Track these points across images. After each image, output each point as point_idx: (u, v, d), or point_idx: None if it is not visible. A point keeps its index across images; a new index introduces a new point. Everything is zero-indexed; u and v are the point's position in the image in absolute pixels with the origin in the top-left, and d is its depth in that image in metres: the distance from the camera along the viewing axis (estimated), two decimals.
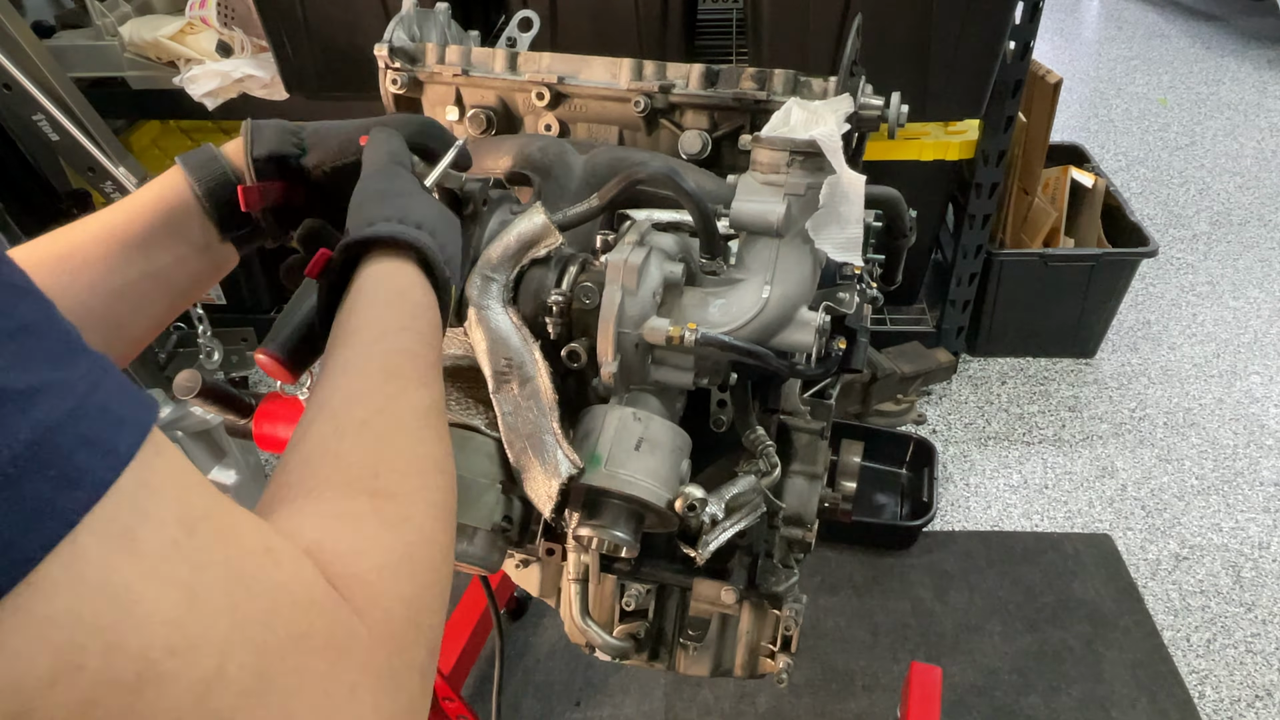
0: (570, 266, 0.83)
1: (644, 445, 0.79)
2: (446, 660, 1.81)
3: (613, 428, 0.79)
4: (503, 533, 0.80)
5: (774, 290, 0.80)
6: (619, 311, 0.77)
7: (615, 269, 0.78)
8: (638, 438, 0.79)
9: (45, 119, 2.08)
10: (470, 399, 0.81)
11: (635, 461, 0.78)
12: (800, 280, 0.82)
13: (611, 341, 0.78)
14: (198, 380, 1.09)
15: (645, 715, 1.97)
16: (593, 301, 0.80)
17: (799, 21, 1.94)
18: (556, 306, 0.80)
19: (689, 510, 0.78)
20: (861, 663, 2.04)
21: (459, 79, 0.96)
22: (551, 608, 1.00)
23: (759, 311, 0.80)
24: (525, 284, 0.82)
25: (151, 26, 2.38)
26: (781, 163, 0.81)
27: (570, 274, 0.82)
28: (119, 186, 2.18)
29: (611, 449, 0.78)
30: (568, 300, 0.81)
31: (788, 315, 0.82)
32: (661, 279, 0.80)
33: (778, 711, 1.96)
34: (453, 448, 0.79)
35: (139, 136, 2.84)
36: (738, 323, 0.80)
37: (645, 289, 0.79)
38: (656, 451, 0.79)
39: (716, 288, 0.83)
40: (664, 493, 0.78)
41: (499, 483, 0.79)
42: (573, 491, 0.78)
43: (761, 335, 0.81)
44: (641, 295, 0.78)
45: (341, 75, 2.33)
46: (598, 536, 0.77)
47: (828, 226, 0.77)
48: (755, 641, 0.97)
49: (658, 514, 0.78)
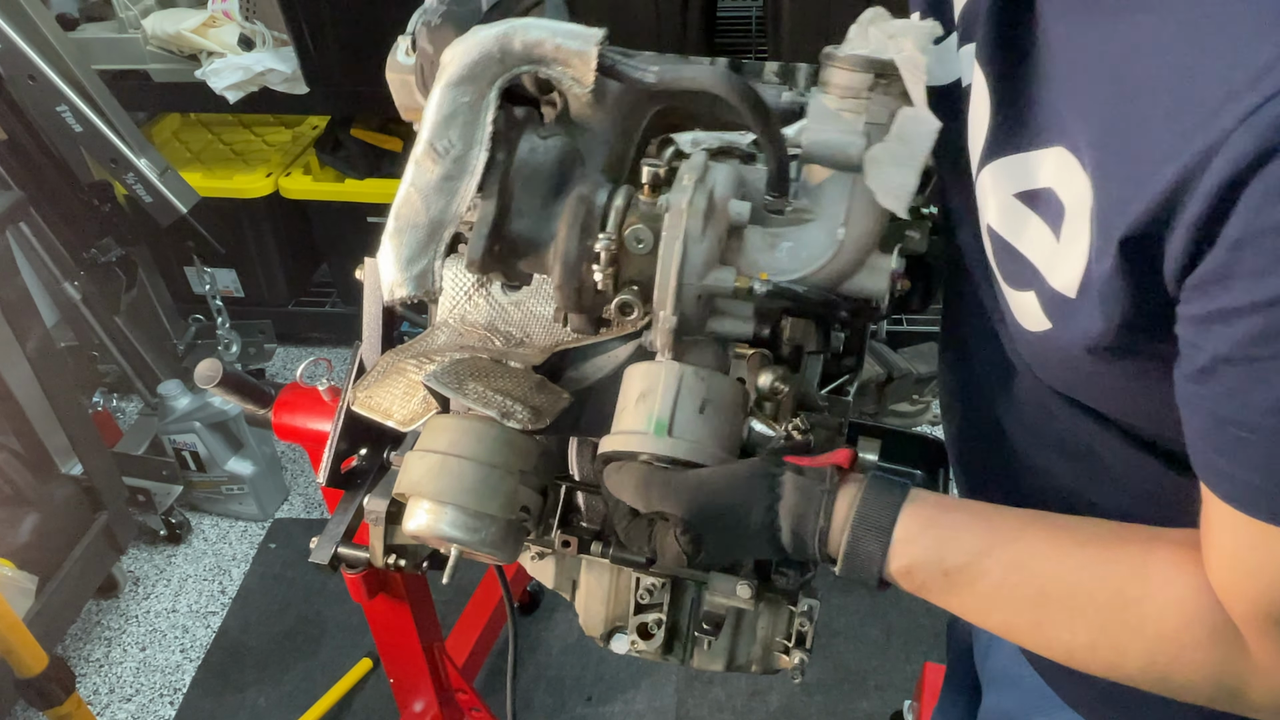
0: (615, 201, 0.72)
1: (708, 408, 0.71)
2: (460, 652, 1.81)
3: (673, 389, 0.71)
4: (520, 523, 0.81)
5: (849, 232, 0.72)
6: (681, 263, 0.69)
7: (678, 215, 0.69)
8: (701, 399, 0.71)
9: (69, 110, 2.10)
10: (490, 391, 0.81)
11: (702, 426, 0.71)
12: (876, 220, 0.72)
13: (673, 296, 0.69)
14: (219, 369, 1.10)
15: (657, 711, 1.97)
16: (645, 246, 0.70)
17: (820, 20, 1.93)
18: (606, 253, 0.70)
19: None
20: (874, 662, 2.04)
21: None
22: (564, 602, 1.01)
23: (833, 256, 0.72)
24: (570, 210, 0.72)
25: (174, 20, 2.40)
26: (863, 87, 0.70)
27: (615, 210, 0.72)
28: (141, 178, 2.20)
29: (675, 414, 0.70)
30: (617, 244, 0.71)
31: (861, 260, 0.73)
32: (728, 224, 0.71)
33: (789, 710, 1.96)
34: (472, 438, 0.79)
35: (160, 129, 2.86)
36: (809, 269, 0.72)
37: (711, 236, 0.70)
38: (722, 413, 0.72)
39: (781, 228, 0.73)
40: (731, 459, 0.72)
41: (518, 472, 0.79)
42: (620, 468, 0.70)
43: (833, 282, 0.73)
44: (706, 243, 0.70)
45: (362, 68, 2.34)
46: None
47: (883, 166, 0.68)
48: (770, 637, 0.97)
49: None
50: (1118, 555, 0.62)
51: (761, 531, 0.68)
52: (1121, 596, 0.61)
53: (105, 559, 2.15)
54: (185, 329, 2.74)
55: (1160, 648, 0.60)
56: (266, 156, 2.80)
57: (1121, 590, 0.61)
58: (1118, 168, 0.54)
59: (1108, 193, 0.55)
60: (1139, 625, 0.60)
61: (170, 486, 2.33)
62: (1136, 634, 0.60)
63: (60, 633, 2.09)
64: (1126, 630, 0.61)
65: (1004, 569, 0.64)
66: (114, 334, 2.39)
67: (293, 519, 2.48)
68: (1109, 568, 0.62)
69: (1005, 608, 0.65)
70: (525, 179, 0.74)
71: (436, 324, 0.98)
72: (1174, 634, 0.59)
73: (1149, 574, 0.60)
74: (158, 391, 2.33)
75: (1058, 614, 0.63)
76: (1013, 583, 0.64)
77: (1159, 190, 0.50)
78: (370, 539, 0.98)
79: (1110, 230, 0.54)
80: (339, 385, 1.12)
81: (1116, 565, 0.62)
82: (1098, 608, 0.61)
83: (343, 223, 2.70)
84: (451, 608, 1.97)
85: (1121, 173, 0.54)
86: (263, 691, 2.09)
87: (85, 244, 2.33)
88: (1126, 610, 0.60)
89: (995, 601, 0.65)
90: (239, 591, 2.30)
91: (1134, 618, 0.60)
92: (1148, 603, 0.60)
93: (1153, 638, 0.60)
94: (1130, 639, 0.60)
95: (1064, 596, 0.63)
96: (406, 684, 1.60)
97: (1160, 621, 0.59)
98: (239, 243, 2.69)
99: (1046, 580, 0.63)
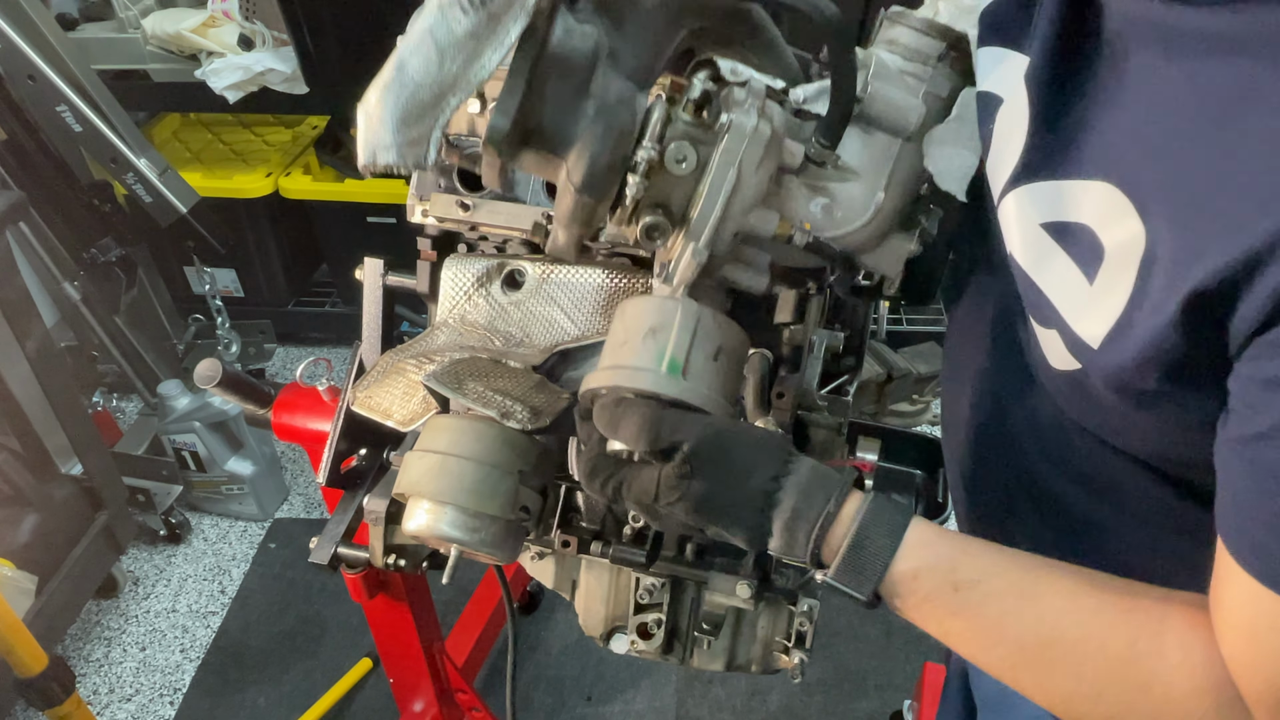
0: (654, 111, 0.64)
1: (722, 355, 0.66)
2: (460, 652, 1.81)
3: (690, 329, 0.65)
4: (520, 523, 0.81)
5: (887, 200, 0.67)
6: (730, 194, 0.63)
7: (739, 138, 0.62)
8: (716, 345, 0.66)
9: (69, 110, 2.10)
10: (489, 391, 0.81)
11: (714, 374, 0.65)
12: (912, 194, 0.69)
13: (712, 227, 0.64)
14: (219, 369, 1.10)
15: (656, 711, 1.97)
16: (688, 166, 0.64)
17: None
18: (647, 164, 0.63)
19: None
20: (874, 662, 2.04)
21: None
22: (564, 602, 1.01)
23: (868, 221, 0.67)
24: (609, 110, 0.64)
25: (174, 20, 2.40)
26: (931, 54, 0.67)
27: (656, 121, 0.64)
28: (141, 178, 2.20)
29: (691, 355, 0.64)
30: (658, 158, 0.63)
31: (886, 233, 0.69)
32: (778, 162, 0.66)
33: (789, 710, 1.96)
34: (472, 438, 0.79)
35: (160, 129, 2.86)
36: (842, 230, 0.67)
37: (765, 170, 0.64)
38: (733, 365, 0.67)
39: (818, 181, 0.68)
40: (732, 413, 0.67)
41: (517, 472, 0.79)
42: (625, 403, 0.64)
43: (858, 249, 0.69)
44: (760, 176, 0.64)
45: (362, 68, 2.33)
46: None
47: (945, 146, 0.66)
48: (770, 637, 0.97)
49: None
50: (1135, 607, 0.59)
51: (755, 499, 0.63)
52: (1134, 650, 0.57)
53: (105, 559, 2.15)
54: (185, 329, 2.74)
55: (1165, 710, 0.57)
56: (266, 156, 2.80)
57: (1135, 643, 0.58)
58: (1196, 217, 0.50)
59: (1178, 241, 0.51)
60: (1147, 684, 0.57)
61: (170, 486, 2.33)
62: (1143, 693, 0.57)
63: (60, 633, 2.09)
64: (1133, 687, 0.58)
65: (1018, 596, 0.61)
66: (114, 334, 2.39)
67: (293, 519, 2.48)
68: (1126, 617, 0.58)
69: (1010, 640, 0.61)
70: (558, 63, 0.64)
71: (436, 324, 0.98)
72: (1181, 699, 0.56)
73: (1164, 631, 0.57)
74: (158, 391, 2.33)
75: (1067, 656, 0.59)
76: (1024, 613, 0.60)
77: (1245, 246, 0.47)
78: (370, 539, 0.98)
79: (1177, 281, 0.51)
80: (339, 385, 1.12)
81: (1133, 616, 0.58)
82: (1108, 658, 0.58)
83: (343, 223, 2.70)
84: (451, 608, 1.96)
85: (1201, 223, 0.50)
86: (263, 691, 2.09)
87: (85, 244, 2.33)
88: (1138, 665, 0.57)
89: (1002, 630, 0.61)
90: (239, 591, 2.30)
91: (1144, 674, 0.57)
92: (1160, 662, 0.57)
93: (1159, 699, 0.57)
94: (1135, 696, 0.58)
95: (1076, 639, 0.59)
96: (406, 684, 1.60)
97: (1170, 684, 0.57)
98: (239, 243, 2.69)
99: (1061, 616, 0.60)
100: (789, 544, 0.63)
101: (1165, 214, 0.53)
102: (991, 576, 0.61)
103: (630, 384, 0.64)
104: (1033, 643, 0.60)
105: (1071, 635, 0.59)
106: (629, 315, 0.68)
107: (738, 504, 0.63)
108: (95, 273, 2.35)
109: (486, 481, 0.77)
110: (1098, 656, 0.58)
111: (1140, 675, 0.57)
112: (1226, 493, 0.53)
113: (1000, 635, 0.61)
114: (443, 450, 0.78)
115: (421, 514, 0.78)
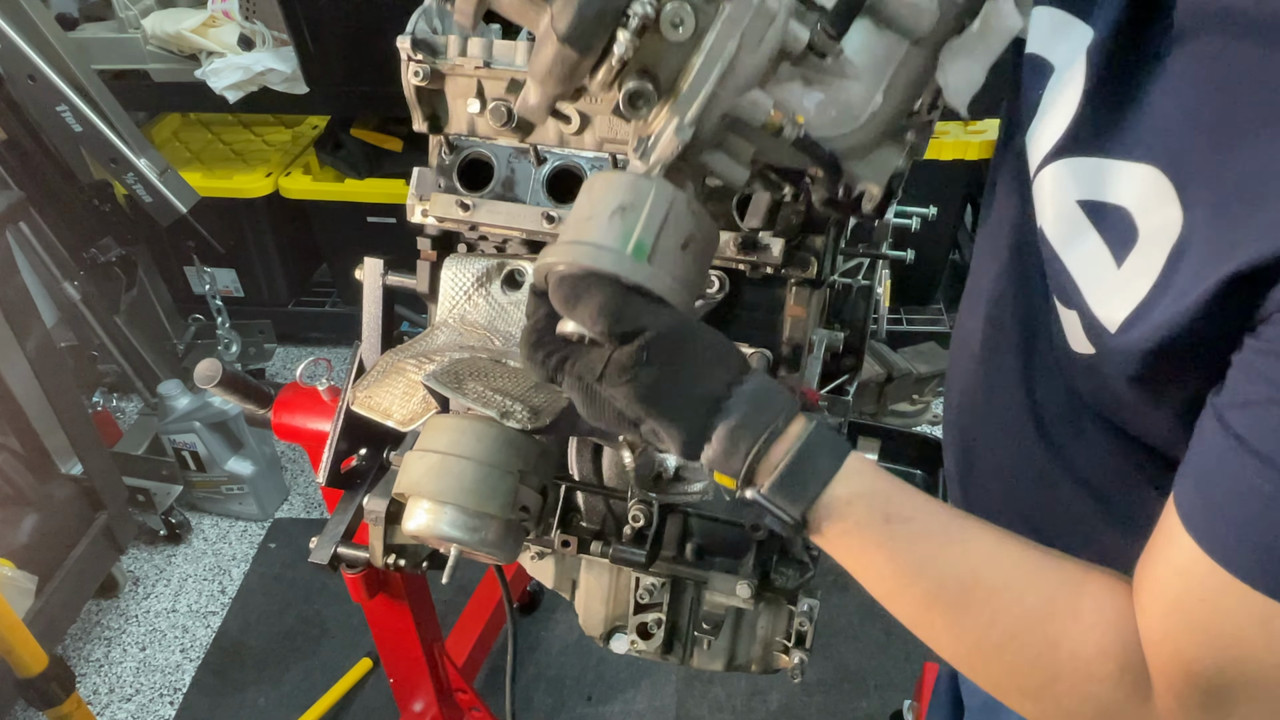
0: None
1: (692, 246, 0.62)
2: (460, 652, 1.81)
3: (661, 212, 0.61)
4: (519, 523, 0.81)
5: (885, 104, 0.63)
6: (728, 67, 0.59)
7: (744, 7, 0.58)
8: (687, 235, 0.62)
9: (69, 110, 2.10)
10: (489, 390, 0.81)
11: (681, 265, 0.62)
12: (909, 102, 0.65)
13: (700, 102, 0.59)
14: (219, 369, 1.10)
15: (657, 711, 1.97)
16: (684, 32, 0.59)
17: None
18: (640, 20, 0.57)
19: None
20: (874, 662, 2.03)
21: (481, 71, 0.97)
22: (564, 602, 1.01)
23: (862, 124, 0.63)
24: None
25: (174, 20, 2.40)
26: None
27: None
28: (141, 178, 2.20)
29: (659, 241, 0.61)
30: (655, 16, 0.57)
31: (876, 141, 0.65)
32: (780, 44, 0.61)
33: (789, 709, 1.96)
34: (471, 438, 0.79)
35: (160, 129, 2.86)
36: (836, 130, 0.63)
37: (765, 49, 0.60)
38: (701, 258, 0.63)
39: (817, 74, 0.64)
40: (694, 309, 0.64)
41: (517, 472, 0.79)
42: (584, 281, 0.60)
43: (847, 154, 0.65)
44: (760, 55, 0.60)
45: (362, 68, 2.34)
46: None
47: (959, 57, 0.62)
48: (770, 636, 0.97)
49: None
50: (1058, 566, 0.59)
51: (704, 402, 0.61)
52: (1050, 606, 0.58)
53: (105, 559, 2.15)
54: (185, 329, 2.74)
55: (1069, 669, 0.57)
56: (266, 156, 2.80)
57: (1052, 600, 0.58)
58: (1240, 209, 0.50)
59: (1216, 231, 0.51)
60: (1056, 640, 0.57)
61: (170, 486, 2.33)
62: (1050, 648, 0.57)
63: (60, 633, 2.09)
64: (1043, 641, 0.58)
65: (945, 537, 0.61)
66: (114, 334, 2.39)
67: (293, 519, 2.48)
68: (1047, 575, 0.59)
69: (930, 578, 0.60)
70: None
71: (436, 324, 0.98)
72: (1087, 660, 0.56)
73: (1083, 595, 0.58)
74: (158, 391, 2.33)
75: (984, 602, 0.59)
76: (949, 554, 0.61)
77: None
78: (370, 539, 0.98)
79: (1206, 270, 0.50)
80: (339, 385, 1.12)
81: (1054, 575, 0.59)
82: (1024, 608, 0.59)
83: (343, 223, 2.70)
84: (451, 608, 1.96)
85: (1244, 214, 0.49)
86: (263, 691, 2.09)
87: (85, 244, 2.33)
88: (1052, 621, 0.58)
89: (923, 567, 0.61)
90: (239, 591, 2.30)
91: (1056, 631, 0.57)
92: (1073, 622, 0.57)
93: (1065, 657, 0.57)
94: (1042, 650, 0.58)
95: (996, 586, 0.59)
96: (406, 684, 1.60)
97: (1079, 644, 0.57)
98: (239, 243, 2.69)
99: (984, 562, 0.60)
100: (726, 454, 0.61)
101: (1208, 202, 0.52)
102: (923, 515, 0.62)
103: (592, 262, 0.60)
104: (952, 584, 0.60)
105: (991, 581, 0.60)
106: (597, 189, 0.63)
107: (686, 403, 0.61)
108: (95, 273, 2.35)
109: (486, 481, 0.77)
110: (1014, 606, 0.59)
111: (1052, 631, 0.58)
112: (1195, 454, 0.53)
113: (920, 573, 0.61)
114: (443, 450, 0.78)
115: (421, 514, 0.78)
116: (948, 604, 0.60)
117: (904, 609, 0.63)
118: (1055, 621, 0.58)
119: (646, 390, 0.60)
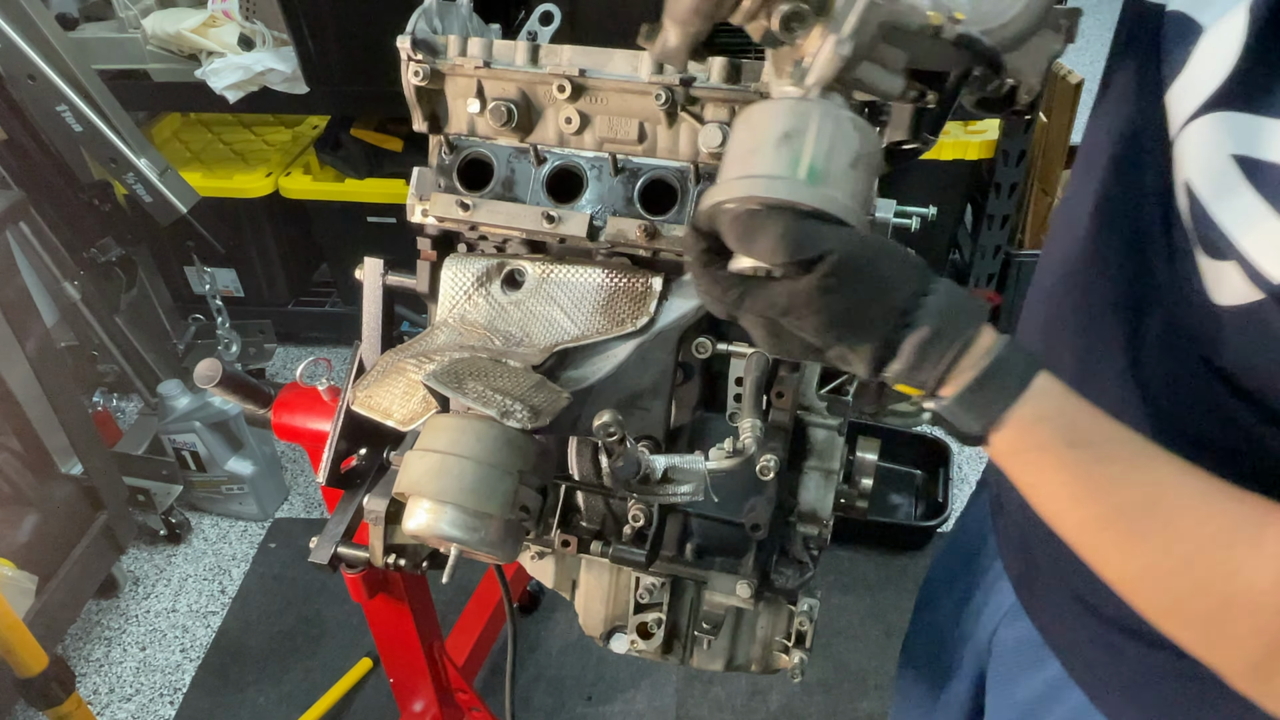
0: None
1: (860, 163, 0.60)
2: (460, 652, 1.81)
3: (829, 133, 0.59)
4: (519, 522, 0.81)
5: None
6: None
7: None
8: (855, 152, 0.59)
9: (69, 110, 2.10)
10: (489, 390, 0.81)
11: (853, 183, 0.59)
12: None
13: (859, 12, 0.57)
14: (219, 369, 1.10)
15: (657, 711, 1.97)
16: None
17: None
18: None
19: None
20: (874, 662, 2.04)
21: (480, 71, 0.96)
22: (564, 602, 1.01)
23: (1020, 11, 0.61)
24: None
25: (174, 19, 2.40)
26: None
27: None
28: (141, 178, 2.20)
29: (830, 162, 0.58)
30: None
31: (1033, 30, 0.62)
32: None
33: (789, 709, 1.96)
34: (471, 437, 0.79)
35: (161, 129, 2.86)
36: (994, 22, 0.61)
37: None
38: (871, 173, 0.61)
39: None
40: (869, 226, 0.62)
41: (517, 472, 0.79)
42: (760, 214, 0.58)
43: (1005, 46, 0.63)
44: None
45: (362, 68, 2.34)
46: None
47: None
48: (769, 636, 0.97)
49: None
50: (1243, 498, 0.58)
51: (892, 316, 0.59)
52: (1232, 535, 0.57)
53: (105, 559, 2.15)
54: (185, 329, 2.74)
55: (1243, 598, 0.56)
56: (266, 156, 2.80)
57: (1235, 529, 0.57)
58: None
59: None
60: (1234, 568, 0.56)
61: (170, 486, 2.33)
62: (1226, 575, 0.56)
63: (60, 633, 2.09)
64: (1220, 567, 0.56)
65: (1130, 463, 0.59)
66: (114, 334, 2.39)
67: (293, 519, 2.48)
68: (1231, 505, 0.58)
69: (1111, 502, 0.59)
70: None
71: (436, 323, 0.98)
72: (1261, 591, 0.55)
73: (1265, 526, 0.56)
74: (158, 391, 2.33)
75: (1162, 526, 0.58)
76: (1134, 479, 0.59)
77: None
78: (370, 539, 0.98)
79: None
80: (339, 385, 1.12)
81: (1239, 505, 0.57)
82: (1204, 535, 0.57)
83: (343, 222, 2.70)
84: (451, 608, 1.97)
85: None
86: (263, 691, 2.09)
87: (85, 244, 2.33)
88: (1231, 549, 0.56)
89: (1104, 492, 0.59)
90: (239, 591, 2.30)
91: (1233, 559, 0.56)
92: (1253, 552, 0.56)
93: (1240, 586, 0.56)
94: (1217, 576, 0.56)
95: (1177, 511, 0.58)
96: (406, 684, 1.60)
97: (1257, 573, 0.55)
98: (239, 243, 2.69)
99: (1168, 490, 0.58)
100: (914, 366, 0.60)
101: None
102: (1110, 441, 0.60)
103: (765, 193, 0.58)
104: (1132, 507, 0.59)
105: (1173, 507, 0.58)
106: (756, 120, 0.62)
107: (875, 320, 0.59)
108: (95, 273, 2.35)
109: (486, 481, 0.77)
110: (1195, 531, 0.57)
111: (1231, 558, 0.56)
112: None
113: (1100, 496, 0.60)
114: (443, 449, 0.78)
115: (421, 513, 0.78)
116: (1125, 525, 0.59)
117: (1072, 527, 0.61)
118: (1236, 549, 0.56)
119: (836, 316, 0.59)
